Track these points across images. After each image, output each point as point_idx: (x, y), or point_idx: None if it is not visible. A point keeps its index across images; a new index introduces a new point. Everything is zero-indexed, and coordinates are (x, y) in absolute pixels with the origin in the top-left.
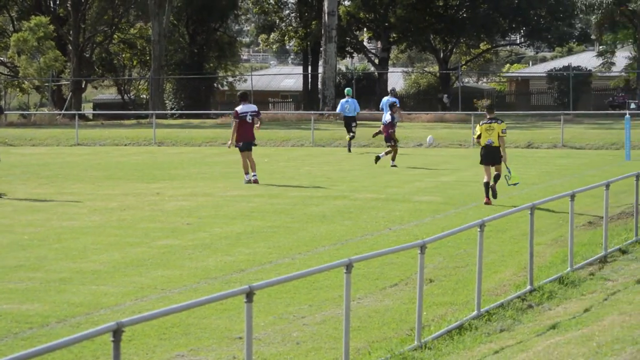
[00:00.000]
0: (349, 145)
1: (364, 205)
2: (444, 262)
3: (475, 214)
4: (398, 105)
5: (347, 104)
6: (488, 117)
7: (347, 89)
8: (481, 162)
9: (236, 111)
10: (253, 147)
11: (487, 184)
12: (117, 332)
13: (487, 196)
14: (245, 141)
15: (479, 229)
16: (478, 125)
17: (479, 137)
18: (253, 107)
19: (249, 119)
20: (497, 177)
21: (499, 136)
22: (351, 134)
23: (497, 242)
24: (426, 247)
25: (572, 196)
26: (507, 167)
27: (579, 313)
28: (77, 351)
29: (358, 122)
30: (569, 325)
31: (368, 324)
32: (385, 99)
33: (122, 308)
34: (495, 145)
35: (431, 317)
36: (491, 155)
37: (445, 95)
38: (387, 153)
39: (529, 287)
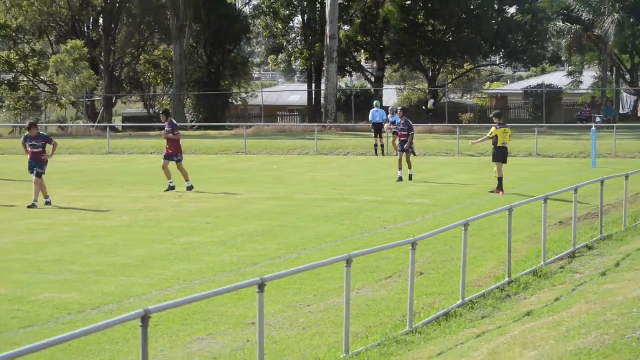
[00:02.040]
0: (376, 150)
1: (362, 207)
2: (432, 257)
3: (460, 215)
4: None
5: (377, 113)
6: (500, 122)
7: (375, 101)
8: (496, 160)
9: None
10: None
11: (501, 179)
12: (145, 318)
13: (502, 189)
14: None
15: (463, 228)
16: (494, 128)
17: (495, 137)
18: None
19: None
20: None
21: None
22: (381, 140)
23: (480, 239)
24: (417, 244)
25: (546, 199)
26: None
27: (550, 302)
28: (110, 334)
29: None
30: (542, 313)
31: (366, 311)
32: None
33: (149, 297)
34: (507, 147)
35: (421, 305)
36: (505, 155)
37: (432, 102)
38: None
39: (507, 279)
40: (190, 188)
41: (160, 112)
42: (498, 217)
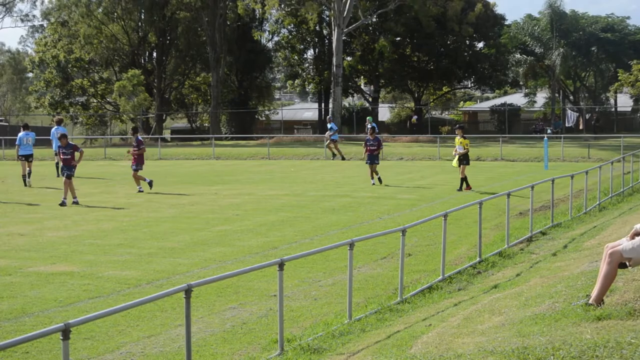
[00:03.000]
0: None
1: (362, 201)
2: (418, 241)
3: (440, 207)
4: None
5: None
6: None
7: (369, 117)
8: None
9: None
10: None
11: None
12: (188, 291)
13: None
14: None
15: (443, 218)
16: (464, 139)
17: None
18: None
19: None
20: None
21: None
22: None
23: (456, 227)
24: (406, 231)
25: (508, 195)
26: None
27: (512, 277)
28: (160, 304)
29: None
30: (506, 285)
31: (365, 285)
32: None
33: (191, 274)
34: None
35: (409, 280)
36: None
37: (415, 117)
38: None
39: (478, 259)
40: (141, 190)
41: (130, 129)
42: (471, 209)
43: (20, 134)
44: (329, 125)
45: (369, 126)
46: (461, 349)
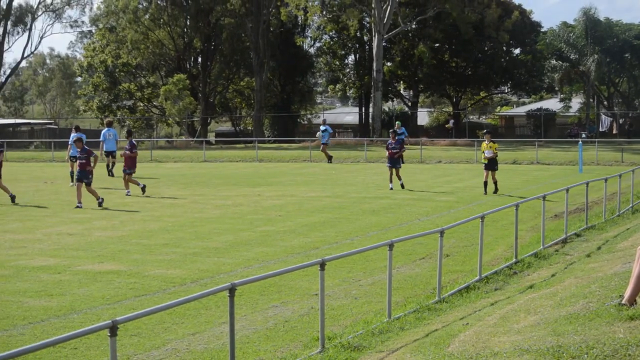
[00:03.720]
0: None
1: (401, 203)
2: (456, 242)
3: (478, 209)
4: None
5: (400, 131)
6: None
7: (397, 122)
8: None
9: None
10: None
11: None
12: (232, 290)
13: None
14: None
15: (480, 220)
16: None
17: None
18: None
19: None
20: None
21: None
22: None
23: (493, 229)
24: (444, 233)
25: (544, 197)
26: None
27: (547, 277)
28: (204, 302)
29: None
30: (541, 286)
31: (404, 285)
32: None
33: (235, 273)
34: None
35: (447, 280)
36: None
37: (452, 122)
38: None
39: (514, 259)
40: (129, 194)
41: (126, 132)
42: (507, 211)
43: (72, 135)
44: (322, 128)
45: (392, 130)
46: (497, 347)
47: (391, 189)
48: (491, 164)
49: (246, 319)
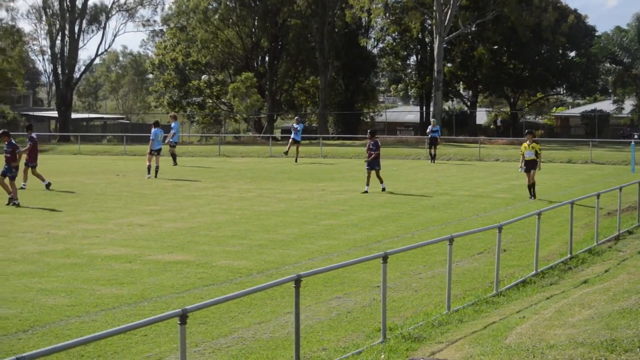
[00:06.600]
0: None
1: (460, 199)
2: (513, 238)
3: (534, 206)
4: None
5: (435, 129)
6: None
7: (433, 119)
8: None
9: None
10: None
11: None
12: (297, 281)
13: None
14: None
15: (537, 217)
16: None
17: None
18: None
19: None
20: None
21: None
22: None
23: (549, 225)
24: (502, 228)
25: (598, 195)
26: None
27: (601, 273)
28: (270, 292)
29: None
30: (595, 281)
31: (463, 278)
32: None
33: (300, 265)
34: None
35: (505, 274)
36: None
37: (499, 119)
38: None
39: (569, 255)
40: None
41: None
42: (562, 209)
43: (153, 130)
44: (295, 125)
45: (370, 131)
46: (553, 340)
47: (366, 192)
48: (531, 165)
49: (310, 309)
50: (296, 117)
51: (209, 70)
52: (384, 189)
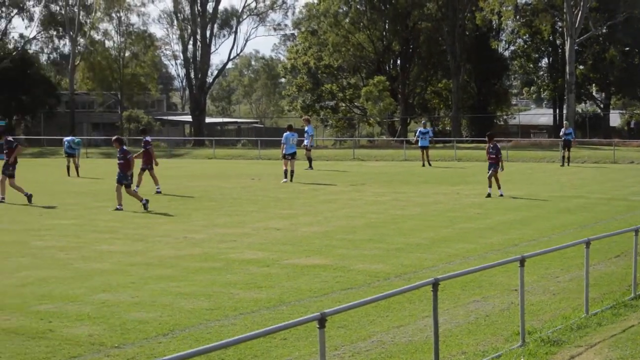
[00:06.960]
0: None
1: (596, 202)
2: None
3: None
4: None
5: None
6: None
7: (566, 121)
8: None
9: None
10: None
11: None
12: (435, 285)
13: None
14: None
15: None
16: None
17: None
18: None
19: None
20: None
21: None
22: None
23: None
24: (639, 231)
25: None
26: None
27: None
28: (408, 296)
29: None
30: None
31: (600, 281)
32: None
33: (436, 269)
34: None
35: None
36: None
37: (634, 121)
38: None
39: None
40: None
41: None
42: None
43: (285, 134)
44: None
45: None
46: None
47: (489, 195)
48: None
49: (448, 313)
50: (422, 122)
51: (341, 74)
52: (501, 195)
